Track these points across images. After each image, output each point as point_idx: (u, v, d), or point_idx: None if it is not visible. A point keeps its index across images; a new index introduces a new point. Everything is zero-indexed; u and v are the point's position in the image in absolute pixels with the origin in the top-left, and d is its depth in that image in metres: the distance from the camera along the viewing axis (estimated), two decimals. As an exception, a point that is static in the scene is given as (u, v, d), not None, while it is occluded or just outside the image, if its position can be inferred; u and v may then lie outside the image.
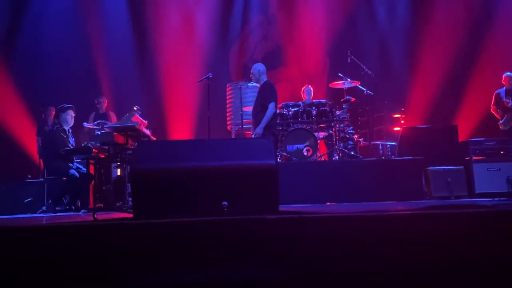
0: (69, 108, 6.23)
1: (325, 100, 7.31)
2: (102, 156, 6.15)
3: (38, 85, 8.89)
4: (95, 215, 2.63)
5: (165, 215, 2.62)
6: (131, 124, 6.03)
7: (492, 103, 7.41)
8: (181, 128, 9.16)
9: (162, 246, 2.17)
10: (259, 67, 6.08)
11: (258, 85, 6.25)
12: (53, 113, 7.41)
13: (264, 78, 6.04)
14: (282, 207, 3.10)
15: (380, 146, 7.76)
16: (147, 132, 6.49)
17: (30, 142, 8.37)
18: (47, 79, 8.94)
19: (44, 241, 2.12)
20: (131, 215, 2.89)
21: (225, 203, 2.76)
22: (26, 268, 2.08)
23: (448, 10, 9.33)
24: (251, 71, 6.12)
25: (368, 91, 7.18)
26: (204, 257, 2.18)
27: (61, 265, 2.08)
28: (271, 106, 5.80)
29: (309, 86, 7.82)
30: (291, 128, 6.91)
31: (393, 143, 7.58)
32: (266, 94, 5.88)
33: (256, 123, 5.96)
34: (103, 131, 6.21)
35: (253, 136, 5.98)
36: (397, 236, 2.27)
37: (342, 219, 2.30)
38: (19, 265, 2.07)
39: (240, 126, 7.23)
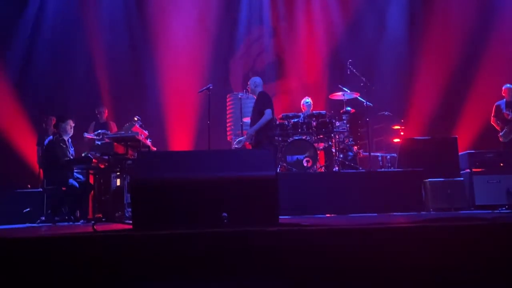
0: (69, 118, 6.25)
1: (325, 111, 7.32)
2: (102, 166, 6.15)
3: (39, 94, 8.92)
4: (94, 227, 2.62)
5: (164, 227, 2.62)
6: (131, 134, 6.04)
7: (492, 114, 7.42)
8: (182, 139, 9.18)
9: (162, 258, 2.17)
10: (256, 79, 6.20)
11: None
12: (54, 122, 7.42)
13: (260, 89, 6.10)
14: (282, 218, 3.10)
15: (380, 158, 7.76)
16: (148, 142, 6.50)
17: (31, 152, 8.37)
18: (48, 89, 8.98)
19: (43, 252, 2.11)
20: (130, 227, 2.88)
21: (225, 214, 2.76)
22: (25, 279, 2.07)
23: (447, 22, 9.39)
24: (248, 83, 6.21)
25: (367, 103, 7.20)
26: (204, 269, 2.17)
27: (61, 277, 2.07)
28: (268, 112, 5.85)
29: (309, 98, 7.85)
30: (291, 139, 6.92)
31: (393, 154, 7.58)
32: (262, 102, 5.94)
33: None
34: (103, 141, 6.22)
35: (245, 138, 5.99)
36: (398, 249, 2.26)
37: (342, 231, 2.29)
38: (18, 277, 2.06)
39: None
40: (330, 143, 7.26)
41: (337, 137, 7.17)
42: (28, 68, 8.98)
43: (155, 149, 6.83)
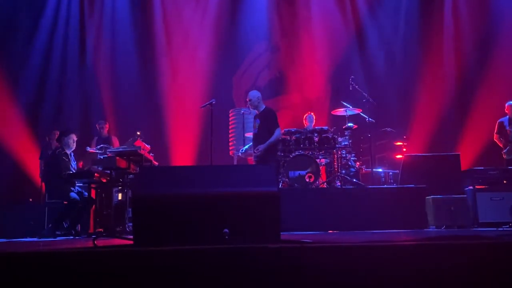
0: (71, 132, 6.27)
1: (327, 127, 7.34)
2: (104, 180, 6.15)
3: (42, 108, 8.97)
4: (95, 242, 2.61)
5: (166, 242, 2.60)
6: (133, 149, 6.06)
7: (495, 131, 7.40)
8: (184, 153, 9.18)
9: (162, 274, 2.15)
10: (257, 94, 6.17)
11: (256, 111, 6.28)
12: (57, 136, 7.45)
13: (263, 105, 6.13)
14: (283, 235, 3.08)
15: (382, 174, 7.74)
16: (150, 156, 6.51)
17: (34, 165, 8.39)
18: (52, 103, 9.04)
19: (43, 267, 2.10)
20: (131, 242, 2.87)
21: (226, 230, 2.75)
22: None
23: (450, 38, 9.46)
24: (249, 98, 6.13)
25: (370, 119, 7.21)
26: (205, 286, 2.15)
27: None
28: (279, 130, 5.97)
29: (312, 113, 7.87)
30: (293, 154, 6.91)
31: (395, 171, 7.55)
32: (273, 120, 5.97)
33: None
34: (105, 156, 6.23)
35: (254, 152, 5.99)
36: (401, 266, 2.24)
37: (345, 249, 2.27)
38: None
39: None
40: (332, 158, 7.25)
41: (339, 152, 7.16)
42: (32, 83, 9.04)
43: (157, 163, 6.83)
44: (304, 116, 7.89)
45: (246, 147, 6.55)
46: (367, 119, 7.25)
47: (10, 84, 8.82)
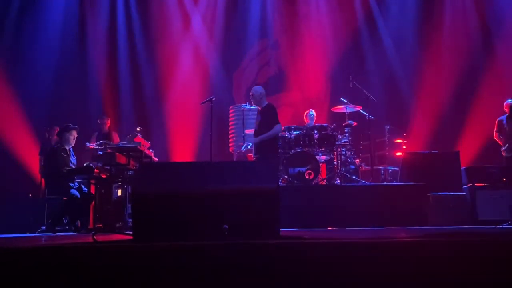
0: (73, 128, 6.26)
1: (327, 124, 7.33)
2: (104, 176, 6.15)
3: (42, 104, 8.96)
4: (94, 237, 2.61)
5: (165, 238, 2.61)
6: (133, 145, 6.06)
7: (495, 130, 7.41)
8: (184, 149, 9.19)
9: (161, 270, 2.15)
10: (260, 89, 6.27)
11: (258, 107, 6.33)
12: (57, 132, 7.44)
13: (265, 101, 6.16)
14: (283, 231, 3.08)
15: (382, 171, 7.74)
16: (150, 152, 6.51)
17: (33, 161, 8.38)
18: (52, 98, 9.03)
19: (43, 262, 2.10)
20: (130, 238, 2.87)
21: (226, 226, 2.75)
22: (24, 289, 2.05)
23: (450, 37, 9.44)
24: (252, 93, 6.22)
25: (370, 116, 7.20)
26: (204, 281, 2.16)
27: (60, 287, 2.06)
28: (278, 126, 6.01)
29: (312, 110, 7.87)
30: (293, 151, 6.91)
31: (395, 168, 7.56)
32: (273, 116, 6.00)
33: (259, 145, 5.99)
34: (105, 151, 6.23)
35: (248, 143, 6.03)
36: (400, 263, 2.24)
37: (344, 245, 2.28)
38: (17, 286, 2.05)
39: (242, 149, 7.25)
40: (332, 156, 7.25)
41: (339, 150, 7.16)
42: (32, 77, 9.03)
43: (157, 159, 6.83)
44: (305, 113, 7.90)
45: (250, 145, 6.61)
46: (367, 116, 7.24)
47: (10, 79, 8.80)
